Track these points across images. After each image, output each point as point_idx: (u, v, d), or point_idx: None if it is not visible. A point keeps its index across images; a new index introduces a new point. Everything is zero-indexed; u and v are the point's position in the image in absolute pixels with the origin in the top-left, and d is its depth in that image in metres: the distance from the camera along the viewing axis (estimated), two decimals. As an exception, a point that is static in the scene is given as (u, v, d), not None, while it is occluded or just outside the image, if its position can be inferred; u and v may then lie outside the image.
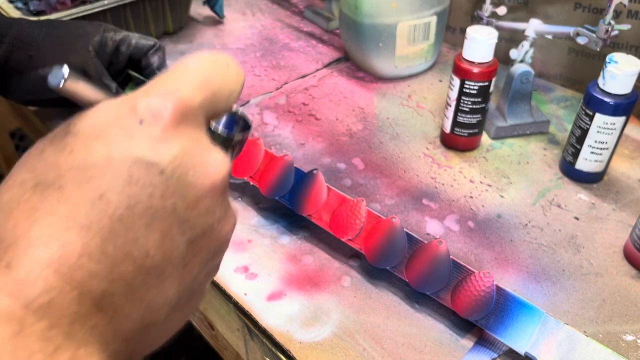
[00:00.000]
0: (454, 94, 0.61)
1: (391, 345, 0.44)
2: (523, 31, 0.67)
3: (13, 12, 0.69)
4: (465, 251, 0.52)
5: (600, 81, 0.55)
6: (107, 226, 0.19)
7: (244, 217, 0.55)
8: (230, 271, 0.50)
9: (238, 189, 0.59)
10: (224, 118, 0.27)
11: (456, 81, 0.60)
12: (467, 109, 0.61)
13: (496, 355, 0.43)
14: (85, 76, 0.49)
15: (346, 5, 0.74)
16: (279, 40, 0.88)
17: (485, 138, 0.67)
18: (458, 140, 0.64)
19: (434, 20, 0.74)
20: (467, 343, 0.44)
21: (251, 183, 0.59)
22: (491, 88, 0.60)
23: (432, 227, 0.54)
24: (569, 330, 0.42)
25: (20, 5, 0.74)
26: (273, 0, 1.01)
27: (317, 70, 0.80)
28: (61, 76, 0.22)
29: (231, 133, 0.26)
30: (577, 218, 0.56)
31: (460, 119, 0.62)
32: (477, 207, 0.57)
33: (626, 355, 0.43)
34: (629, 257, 0.51)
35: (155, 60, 0.54)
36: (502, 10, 0.68)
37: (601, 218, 0.56)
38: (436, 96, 0.75)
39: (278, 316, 0.46)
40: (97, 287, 0.19)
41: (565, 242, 0.53)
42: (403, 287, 0.48)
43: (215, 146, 0.24)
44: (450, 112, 0.63)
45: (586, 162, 0.58)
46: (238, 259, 0.51)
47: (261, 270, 0.50)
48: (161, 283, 0.21)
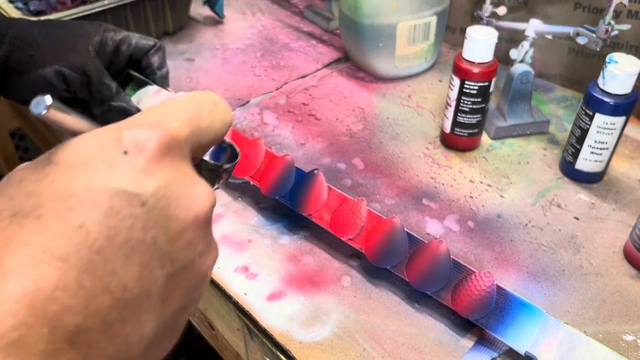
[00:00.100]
0: (454, 94, 0.61)
1: (391, 345, 0.44)
2: (523, 31, 0.67)
3: (13, 12, 0.69)
4: (465, 251, 0.52)
5: (600, 81, 0.55)
6: (85, 258, 0.19)
7: (244, 217, 0.55)
8: (230, 271, 0.50)
9: (238, 189, 0.59)
10: (212, 147, 0.26)
11: (456, 81, 0.60)
12: (467, 109, 0.61)
13: (496, 354, 0.43)
14: (85, 77, 0.49)
15: (346, 5, 0.74)
16: (279, 40, 0.88)
17: (485, 138, 0.67)
18: (458, 140, 0.64)
19: (434, 20, 0.74)
20: (467, 343, 0.44)
21: (251, 183, 0.59)
22: (491, 88, 0.60)
23: (432, 227, 0.54)
24: (569, 329, 0.42)
25: (20, 5, 0.74)
26: (273, 0, 1.01)
27: (317, 70, 0.80)
28: (43, 105, 0.22)
29: (219, 162, 0.27)
30: (577, 218, 0.56)
31: (460, 119, 0.62)
32: (477, 207, 0.57)
33: (626, 355, 0.43)
34: (629, 257, 0.51)
35: (155, 60, 0.54)
36: (502, 10, 0.68)
37: (601, 218, 0.56)
38: (436, 96, 0.75)
39: (278, 316, 0.46)
40: (71, 322, 0.18)
41: (565, 242, 0.53)
42: (403, 287, 0.48)
43: (200, 178, 0.23)
44: (450, 112, 0.63)
45: (586, 162, 0.58)
46: (238, 259, 0.51)
47: (261, 270, 0.50)
48: (138, 318, 0.20)
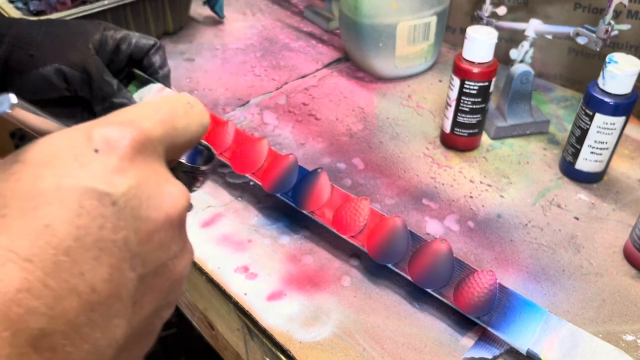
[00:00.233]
0: (454, 94, 0.61)
1: (391, 345, 0.44)
2: (523, 31, 0.67)
3: (13, 12, 0.69)
4: (465, 251, 0.52)
5: (600, 81, 0.55)
6: (52, 258, 0.18)
7: (244, 217, 0.55)
8: (230, 271, 0.50)
9: (238, 189, 0.59)
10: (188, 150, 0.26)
11: (456, 81, 0.60)
12: (467, 109, 0.61)
13: (499, 352, 0.43)
14: (86, 74, 0.49)
15: (346, 5, 0.74)
16: (279, 40, 0.88)
17: (485, 138, 0.67)
18: (458, 140, 0.64)
19: (434, 20, 0.74)
20: (467, 343, 0.44)
21: (251, 183, 0.59)
22: (491, 88, 0.60)
23: (432, 227, 0.54)
24: (572, 327, 0.42)
25: (20, 5, 0.74)
26: (273, 0, 1.01)
27: (317, 70, 0.80)
28: (8, 104, 0.21)
29: (195, 164, 0.26)
30: (577, 218, 0.56)
31: (460, 119, 0.62)
32: (477, 207, 0.57)
33: (626, 355, 0.43)
34: (629, 257, 0.51)
35: (157, 59, 0.54)
36: (502, 10, 0.68)
37: (601, 218, 0.56)
38: (436, 96, 0.75)
39: (278, 316, 0.46)
40: (35, 325, 0.17)
41: (565, 242, 0.53)
42: (403, 287, 0.48)
43: (174, 178, 0.23)
44: (450, 112, 0.63)
45: (586, 162, 0.58)
46: (238, 259, 0.51)
47: (261, 270, 0.50)
48: (108, 322, 0.19)
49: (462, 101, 0.61)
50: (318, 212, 0.50)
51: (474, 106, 0.61)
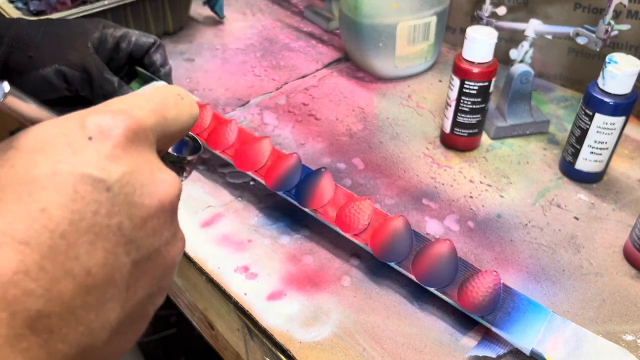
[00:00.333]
0: (454, 94, 0.61)
1: (391, 345, 0.44)
2: (523, 31, 0.67)
3: (13, 12, 0.69)
4: (465, 251, 0.52)
5: (600, 81, 0.55)
6: (48, 242, 0.18)
7: (244, 217, 0.55)
8: (230, 271, 0.50)
9: (238, 189, 0.59)
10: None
11: (456, 81, 0.60)
12: (467, 109, 0.61)
13: (503, 351, 0.43)
14: (86, 74, 0.49)
15: (346, 5, 0.74)
16: (279, 40, 0.88)
17: (485, 138, 0.67)
18: (458, 140, 0.64)
19: (434, 20, 0.74)
20: (467, 343, 0.44)
21: (252, 183, 0.59)
22: (491, 88, 0.60)
23: (432, 227, 0.54)
24: (575, 327, 0.42)
25: (20, 5, 0.74)
26: (273, 0, 1.01)
27: (317, 70, 0.80)
28: (1, 92, 0.21)
29: (181, 154, 0.27)
30: (577, 218, 0.56)
31: (460, 119, 0.62)
32: (477, 207, 0.57)
33: (626, 355, 0.43)
34: (629, 257, 0.51)
35: (158, 57, 0.54)
36: (502, 10, 0.68)
37: (601, 218, 0.56)
38: (436, 96, 0.75)
39: (278, 316, 0.46)
40: (32, 307, 0.18)
41: (565, 242, 0.53)
42: (403, 287, 0.48)
43: (165, 167, 0.23)
44: (450, 112, 0.63)
45: (586, 162, 0.58)
46: (238, 259, 0.51)
47: (261, 270, 0.50)
48: (102, 305, 0.20)
49: (462, 101, 0.61)
50: (321, 211, 0.50)
51: (474, 106, 0.61)
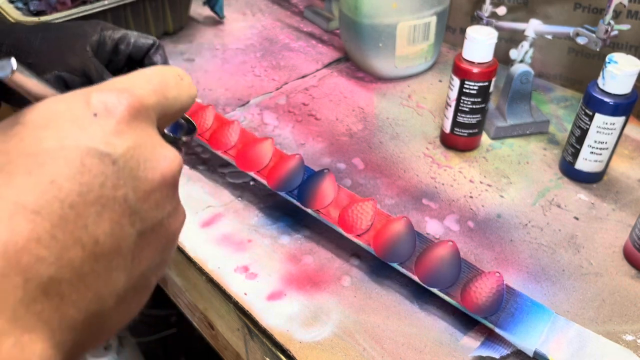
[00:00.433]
0: (454, 94, 0.61)
1: (391, 345, 0.44)
2: (523, 31, 0.67)
3: (13, 12, 0.69)
4: (465, 251, 0.52)
5: (600, 81, 0.55)
6: (58, 211, 0.19)
7: (244, 217, 0.55)
8: (230, 271, 0.50)
9: (238, 189, 0.59)
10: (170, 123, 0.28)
11: (456, 81, 0.60)
12: (467, 109, 0.61)
13: (506, 352, 0.43)
14: (86, 78, 0.49)
15: (346, 5, 0.74)
16: (279, 40, 0.88)
17: (485, 138, 0.67)
18: (458, 140, 0.64)
19: (434, 20, 0.74)
20: (467, 343, 0.44)
21: (252, 183, 0.59)
22: (491, 88, 0.60)
23: (432, 227, 0.54)
24: (579, 328, 0.42)
25: (20, 5, 0.74)
26: (273, 0, 1.01)
27: (317, 70, 0.80)
28: (10, 68, 0.22)
29: (177, 135, 0.28)
30: (577, 218, 0.56)
31: (460, 119, 0.62)
32: (477, 207, 0.57)
33: (626, 355, 0.43)
34: (629, 257, 0.51)
35: (158, 59, 0.54)
36: (502, 10, 0.68)
37: (601, 218, 0.56)
38: (436, 96, 0.75)
39: (278, 316, 0.46)
40: (45, 273, 0.18)
41: (565, 242, 0.53)
42: (403, 287, 0.48)
43: (166, 143, 0.24)
44: (450, 112, 0.63)
45: (586, 162, 0.58)
46: (238, 259, 0.51)
47: (261, 270, 0.50)
48: (109, 273, 0.21)
49: (462, 101, 0.61)
50: (323, 211, 0.50)
51: (474, 106, 0.61)
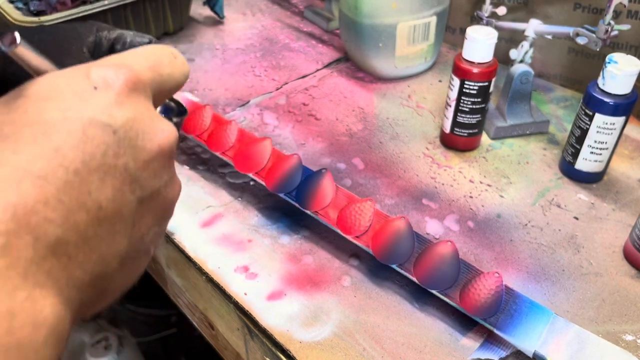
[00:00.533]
0: (454, 94, 0.61)
1: (391, 345, 0.44)
2: (523, 31, 0.67)
3: (13, 13, 0.69)
4: (465, 251, 0.52)
5: (600, 81, 0.55)
6: (63, 177, 0.20)
7: (244, 217, 0.55)
8: (230, 271, 0.50)
9: (238, 189, 0.59)
10: (161, 106, 0.30)
11: (456, 81, 0.60)
12: (467, 109, 0.61)
13: (505, 354, 0.43)
14: None
15: (346, 5, 0.74)
16: (279, 40, 0.88)
17: (485, 138, 0.67)
18: (458, 140, 0.64)
19: (434, 20, 0.74)
20: (467, 343, 0.44)
21: (251, 183, 0.59)
22: (491, 88, 0.60)
23: (432, 227, 0.54)
24: (578, 329, 0.42)
25: (20, 5, 0.74)
26: (273, 0, 1.01)
27: (317, 70, 0.80)
28: (14, 40, 0.23)
29: (169, 116, 0.30)
30: (577, 218, 0.56)
31: (460, 119, 0.62)
32: (477, 207, 0.57)
33: (626, 355, 0.43)
34: (629, 257, 0.51)
35: None
36: (502, 10, 0.68)
37: (601, 218, 0.56)
38: (436, 96, 0.75)
39: (278, 316, 0.46)
40: (52, 233, 0.20)
41: (565, 242, 0.53)
42: (403, 287, 0.48)
43: (163, 117, 0.25)
44: (450, 112, 0.63)
45: (586, 162, 0.59)
46: (238, 259, 0.51)
47: (261, 270, 0.50)
48: (112, 237, 0.22)
49: (462, 101, 0.61)
50: (322, 212, 0.50)
51: (474, 106, 0.61)
